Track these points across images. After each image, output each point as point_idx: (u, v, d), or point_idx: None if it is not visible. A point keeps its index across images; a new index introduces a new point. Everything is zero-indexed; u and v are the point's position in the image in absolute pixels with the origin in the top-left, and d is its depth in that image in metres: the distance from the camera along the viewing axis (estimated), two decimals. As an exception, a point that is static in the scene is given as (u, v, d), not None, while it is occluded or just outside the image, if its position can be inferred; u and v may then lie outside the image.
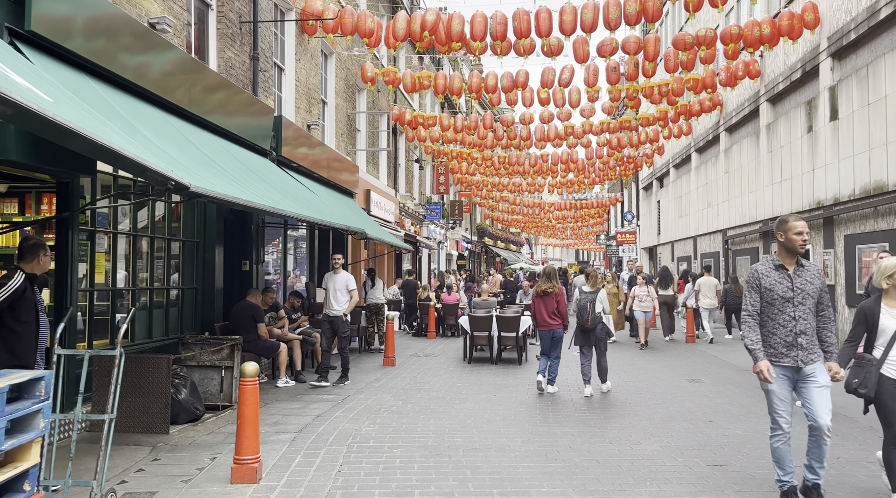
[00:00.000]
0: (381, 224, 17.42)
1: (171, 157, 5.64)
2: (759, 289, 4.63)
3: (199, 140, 7.31)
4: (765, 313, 4.62)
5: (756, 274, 4.68)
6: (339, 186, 13.63)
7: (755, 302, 4.64)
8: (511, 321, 11.39)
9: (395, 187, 20.83)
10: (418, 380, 9.70)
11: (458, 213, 32.24)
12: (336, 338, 9.20)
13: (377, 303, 13.02)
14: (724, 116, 19.40)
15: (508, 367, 11.10)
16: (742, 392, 8.81)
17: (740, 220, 18.06)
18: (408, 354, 12.65)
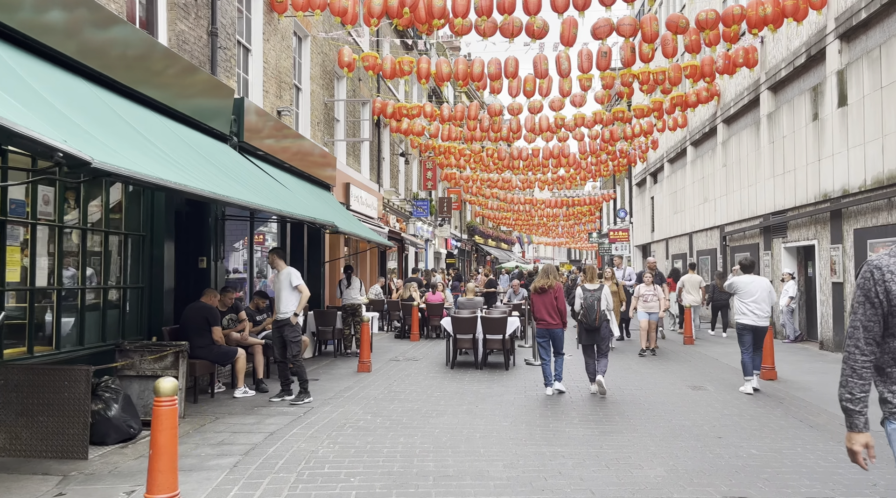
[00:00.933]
0: (363, 220, 16.50)
1: (85, 132, 4.71)
2: (883, 295, 2.61)
3: (136, 119, 6.37)
4: (890, 334, 2.65)
5: (880, 271, 2.62)
6: (313, 178, 12.70)
7: (871, 319, 2.63)
8: (497, 323, 10.50)
9: (379, 182, 19.91)
10: (394, 388, 8.79)
11: (446, 210, 31.34)
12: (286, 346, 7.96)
13: (354, 303, 12.09)
14: (722, 107, 18.59)
15: (494, 372, 10.21)
16: (751, 401, 7.94)
17: (739, 216, 17.26)
18: (386, 359, 11.74)
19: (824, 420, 6.98)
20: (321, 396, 8.17)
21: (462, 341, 10.67)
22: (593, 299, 8.16)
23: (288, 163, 11.31)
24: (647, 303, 12.31)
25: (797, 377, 9.66)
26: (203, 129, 8.43)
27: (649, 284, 12.51)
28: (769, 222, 15.21)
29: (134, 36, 6.97)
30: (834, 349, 12.32)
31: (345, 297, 12.15)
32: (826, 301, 12.75)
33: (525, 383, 9.20)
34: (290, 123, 12.34)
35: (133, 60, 6.85)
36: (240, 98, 9.32)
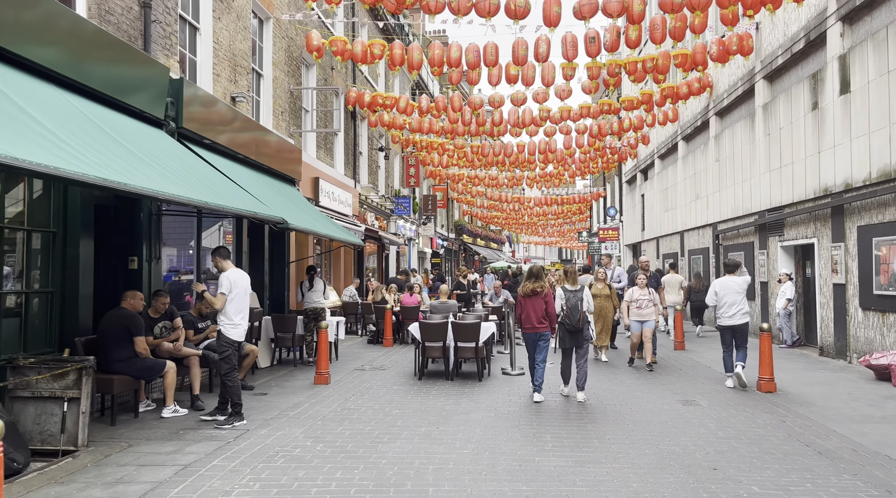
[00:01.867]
0: (335, 217, 15.50)
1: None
2: None
3: (27, 95, 5.37)
4: None
5: None
6: (273, 172, 11.69)
7: None
8: (469, 329, 9.53)
9: (356, 178, 18.91)
10: (349, 405, 7.81)
11: (431, 208, 30.37)
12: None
13: (317, 307, 11.10)
14: (715, 99, 17.71)
15: (466, 384, 9.25)
16: (748, 420, 7.01)
17: (732, 213, 16.38)
18: (351, 368, 10.76)
19: (834, 445, 6.05)
20: (262, 415, 7.18)
21: (431, 349, 9.70)
22: (576, 300, 7.95)
23: (242, 154, 10.31)
24: (640, 310, 10.52)
25: (799, 389, 8.75)
26: (131, 112, 7.42)
27: (643, 286, 10.68)
28: (765, 220, 14.32)
29: (42, 3, 5.96)
30: (835, 356, 11.43)
31: (307, 300, 11.16)
32: (826, 304, 11.87)
33: (497, 397, 8.24)
34: (247, 111, 11.34)
35: (39, 30, 5.85)
36: (178, 79, 8.31)
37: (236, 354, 6.88)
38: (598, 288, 11.26)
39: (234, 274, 6.90)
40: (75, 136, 5.23)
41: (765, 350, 8.59)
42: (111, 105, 7.02)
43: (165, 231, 9.98)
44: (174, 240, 10.47)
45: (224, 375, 6.75)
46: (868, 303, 10.41)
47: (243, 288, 6.94)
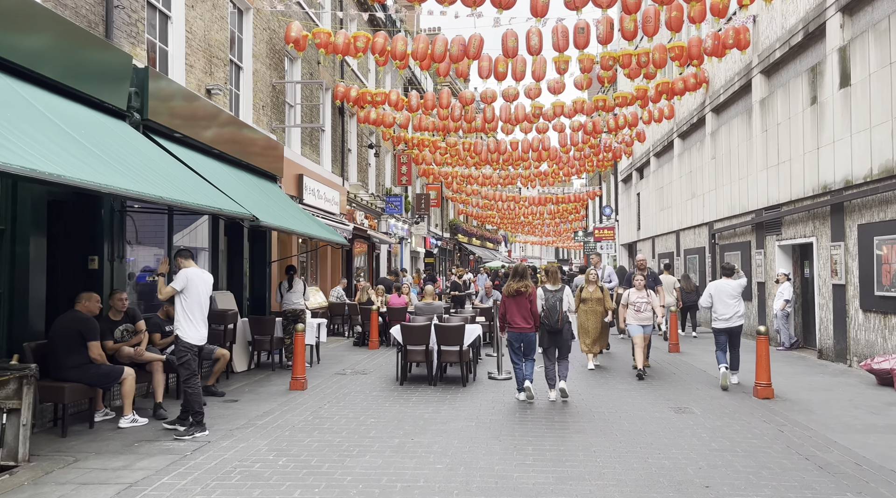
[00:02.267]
0: (321, 216, 15.07)
1: None
2: None
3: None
4: None
5: None
6: (252, 168, 11.25)
7: None
8: (453, 332, 9.10)
9: (344, 175, 18.46)
10: (322, 413, 7.37)
11: (424, 207, 29.90)
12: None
13: (296, 309, 10.66)
14: (711, 95, 17.30)
15: (449, 389, 8.82)
16: (744, 430, 6.60)
17: (729, 211, 15.97)
18: (331, 372, 10.32)
19: (836, 458, 5.64)
20: (228, 425, 6.74)
21: (413, 353, 9.27)
22: (555, 300, 7.90)
23: (218, 149, 9.87)
24: (639, 313, 9.81)
25: (797, 395, 8.34)
26: (89, 102, 6.98)
27: (641, 288, 9.96)
28: (762, 218, 13.92)
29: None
30: (835, 359, 11.03)
31: (285, 301, 10.72)
32: (826, 305, 11.47)
33: (480, 405, 7.81)
34: (224, 105, 10.89)
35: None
36: (143, 68, 7.86)
37: (196, 359, 6.44)
38: (588, 291, 10.53)
39: (192, 271, 6.47)
40: (15, 127, 4.79)
41: (762, 354, 8.18)
42: (66, 94, 6.57)
43: (141, 230, 9.56)
44: (150, 239, 10.02)
45: (184, 381, 6.32)
46: (869, 304, 10.01)
47: (202, 289, 6.50)
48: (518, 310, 7.83)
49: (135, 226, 9.38)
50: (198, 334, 6.39)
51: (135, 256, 9.44)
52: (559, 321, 7.85)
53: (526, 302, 7.82)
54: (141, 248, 9.56)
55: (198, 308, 6.42)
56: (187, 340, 6.31)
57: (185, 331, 6.32)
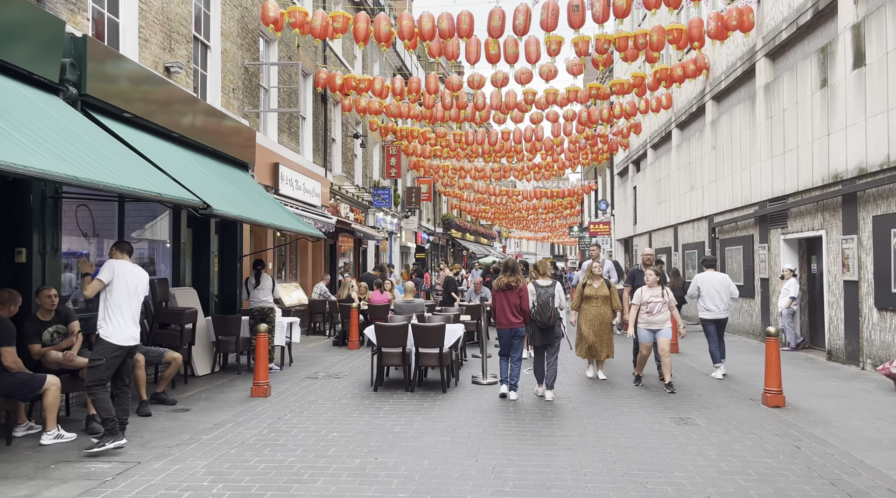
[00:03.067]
0: (301, 208, 14.22)
1: None
2: None
3: None
4: None
5: None
6: (219, 154, 10.39)
7: None
8: (431, 333, 8.28)
9: (327, 166, 17.60)
10: (281, 425, 6.55)
11: (415, 201, 29.06)
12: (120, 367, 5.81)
13: (263, 307, 9.82)
14: (712, 82, 16.49)
15: (427, 396, 8.00)
16: (756, 446, 5.80)
17: (730, 204, 15.18)
18: (302, 375, 9.49)
19: (865, 483, 4.85)
20: (168, 441, 5.91)
21: (389, 356, 8.44)
22: (547, 296, 7.61)
23: (177, 132, 9.01)
24: (651, 315, 8.29)
25: (811, 403, 7.55)
26: (12, 72, 6.13)
27: (654, 285, 8.41)
28: (766, 211, 13.13)
29: None
30: (846, 361, 10.26)
31: (252, 299, 9.88)
32: (836, 303, 10.69)
33: (459, 415, 7.00)
34: (186, 85, 10.03)
35: None
36: (81, 37, 7.00)
37: (117, 363, 5.59)
38: (593, 288, 8.89)
39: (120, 264, 5.64)
40: None
41: (772, 358, 7.37)
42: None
43: (98, 220, 8.74)
44: (107, 231, 9.18)
45: (87, 387, 5.49)
46: (885, 302, 9.22)
47: (132, 283, 5.68)
48: (508, 305, 7.59)
49: (91, 217, 8.55)
50: (123, 334, 5.55)
51: (90, 249, 8.60)
52: (552, 318, 7.57)
53: (516, 297, 7.60)
54: (95, 239, 8.74)
55: (126, 305, 5.59)
56: (109, 339, 5.48)
57: (108, 329, 5.49)
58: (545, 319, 7.55)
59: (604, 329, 8.86)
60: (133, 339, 5.65)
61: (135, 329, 5.68)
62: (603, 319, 8.87)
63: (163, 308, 8.49)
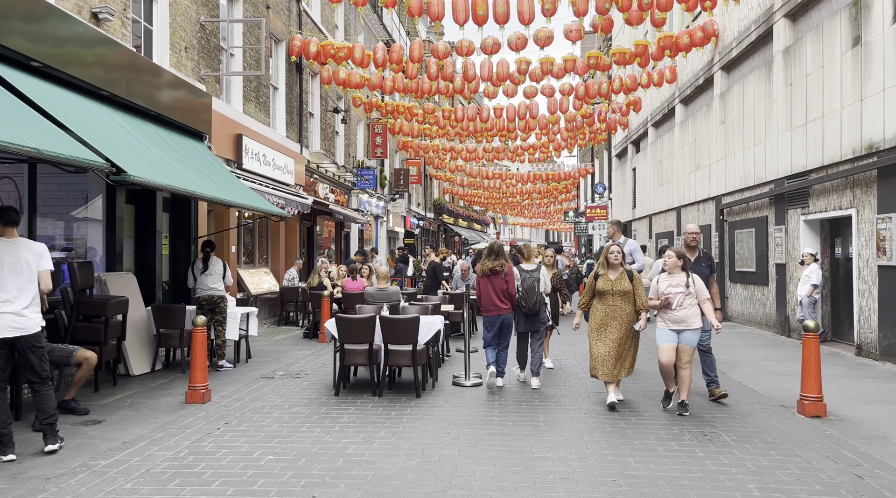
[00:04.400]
0: (273, 186, 12.86)
1: None
2: None
3: None
4: None
5: None
6: (165, 120, 9.01)
7: None
8: (403, 327, 6.97)
9: (303, 142, 16.20)
10: (206, 445, 5.25)
11: (403, 183, 27.64)
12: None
13: (213, 295, 8.48)
14: (721, 50, 15.13)
15: (398, 402, 6.72)
16: (806, 474, 4.53)
17: (741, 183, 13.89)
18: (256, 375, 8.19)
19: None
20: (52, 469, 4.60)
21: (353, 354, 7.13)
22: (532, 281, 7.29)
23: (107, 90, 7.63)
24: (672, 311, 6.16)
25: (855, 412, 6.29)
26: None
27: (675, 270, 6.27)
28: (783, 189, 11.84)
29: None
30: (880, 357, 9.02)
31: (199, 286, 8.53)
32: (868, 291, 9.43)
33: (433, 428, 5.71)
34: (123, 37, 8.61)
35: None
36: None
37: None
38: (609, 280, 6.48)
39: None
40: None
41: (810, 358, 6.10)
42: None
43: (42, 193, 7.45)
44: (51, 207, 7.86)
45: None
46: (931, 291, 7.97)
47: (12, 260, 4.42)
48: (493, 290, 7.25)
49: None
50: None
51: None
52: (537, 303, 7.28)
53: (502, 282, 7.24)
54: (39, 218, 7.43)
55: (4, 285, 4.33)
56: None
57: None
58: (531, 305, 7.24)
59: (623, 338, 6.40)
60: (15, 328, 4.41)
61: (17, 318, 4.42)
62: (622, 324, 6.40)
63: (85, 297, 7.15)
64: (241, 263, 13.13)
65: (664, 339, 6.20)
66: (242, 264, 13.28)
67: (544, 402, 6.73)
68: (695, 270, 6.63)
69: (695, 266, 6.76)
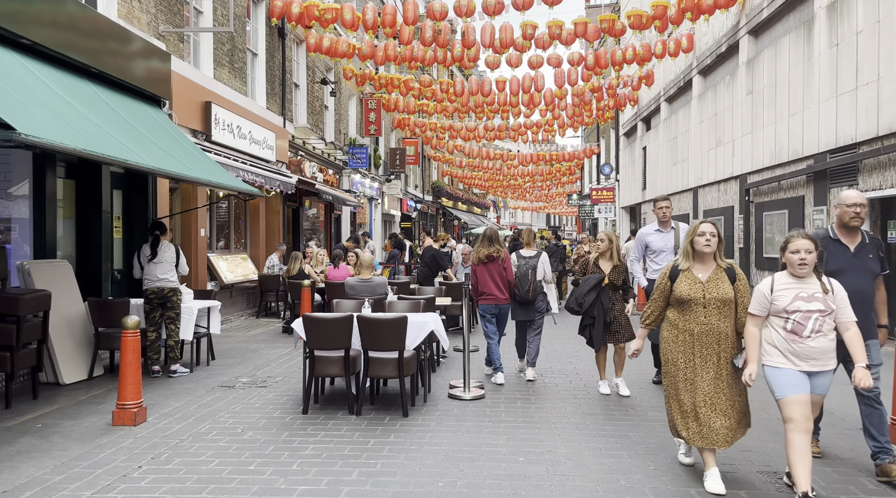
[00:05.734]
0: (250, 162, 11.46)
1: None
2: None
3: None
4: None
5: None
6: (112, 80, 7.58)
7: None
8: (387, 329, 5.59)
9: (286, 115, 14.74)
10: (111, 497, 3.91)
11: (399, 164, 26.16)
12: None
13: (162, 287, 7.11)
14: (749, 12, 13.63)
15: (379, 424, 5.38)
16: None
17: (772, 159, 12.47)
18: (216, 382, 6.85)
19: None
20: None
21: (324, 363, 5.77)
22: (527, 268, 7.02)
23: (28, 38, 6.20)
24: (804, 339, 3.70)
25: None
26: None
27: (805, 273, 3.76)
28: (825, 165, 10.43)
29: None
30: (951, 360, 7.65)
31: (147, 276, 7.15)
32: (935, 282, 8.06)
33: (419, 469, 4.36)
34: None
35: None
36: None
37: None
38: (696, 280, 4.09)
39: None
40: None
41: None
42: None
43: None
44: None
45: None
46: None
47: None
48: (490, 278, 6.97)
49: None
50: None
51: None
52: (530, 291, 6.95)
53: (500, 269, 6.97)
54: None
55: None
56: None
57: None
58: (523, 293, 6.95)
59: (723, 377, 4.01)
60: None
61: None
62: (720, 352, 4.02)
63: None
64: (213, 249, 11.75)
65: (791, 387, 3.67)
66: (216, 249, 11.90)
67: (563, 420, 5.39)
68: (852, 266, 4.23)
69: (857, 260, 4.26)
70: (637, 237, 6.94)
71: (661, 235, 6.70)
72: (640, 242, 6.79)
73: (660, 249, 6.63)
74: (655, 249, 6.66)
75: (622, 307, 6.48)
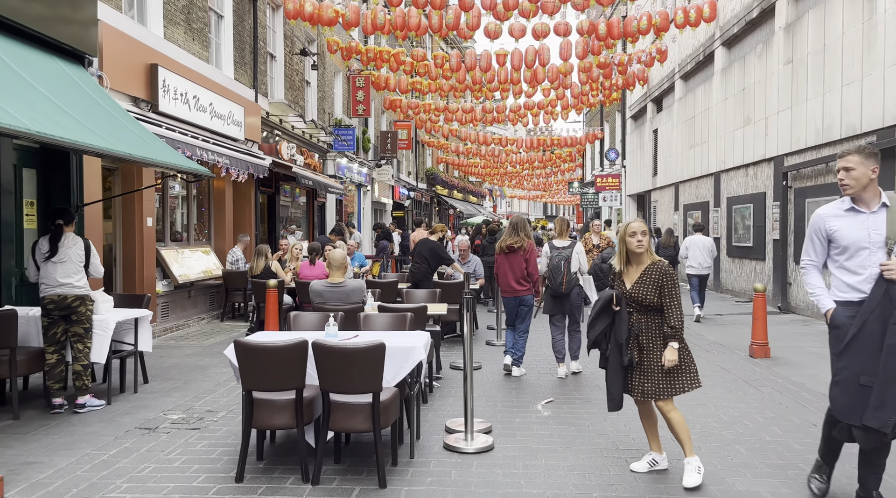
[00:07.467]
0: (213, 140, 9.72)
1: None
2: None
3: None
4: None
5: None
6: (10, 25, 5.80)
7: None
8: (355, 362, 3.87)
9: (258, 88, 12.94)
10: None
11: (390, 148, 24.34)
12: None
13: (64, 294, 5.37)
14: (789, -31, 11.89)
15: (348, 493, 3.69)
16: None
17: (816, 139, 10.80)
18: (132, 422, 5.14)
19: None
20: None
21: (267, 410, 4.04)
22: (560, 259, 6.57)
23: None
24: None
25: None
26: None
27: None
28: (885, 142, 8.76)
29: None
30: None
31: (43, 279, 5.41)
32: None
33: None
34: None
35: None
36: None
37: None
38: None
39: None
40: None
41: None
42: None
43: None
44: None
45: None
46: None
47: None
48: (510, 269, 6.60)
49: None
50: None
51: None
52: (563, 284, 6.54)
53: (521, 260, 6.58)
54: None
55: None
56: None
57: None
58: (556, 286, 6.60)
59: None
60: None
61: None
62: None
63: None
64: (165, 241, 10.00)
65: None
66: (169, 242, 10.15)
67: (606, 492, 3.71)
68: None
69: None
70: (812, 224, 3.65)
71: (857, 219, 3.47)
72: (819, 233, 3.58)
73: (855, 246, 3.44)
74: (847, 245, 3.47)
75: (662, 347, 3.87)
